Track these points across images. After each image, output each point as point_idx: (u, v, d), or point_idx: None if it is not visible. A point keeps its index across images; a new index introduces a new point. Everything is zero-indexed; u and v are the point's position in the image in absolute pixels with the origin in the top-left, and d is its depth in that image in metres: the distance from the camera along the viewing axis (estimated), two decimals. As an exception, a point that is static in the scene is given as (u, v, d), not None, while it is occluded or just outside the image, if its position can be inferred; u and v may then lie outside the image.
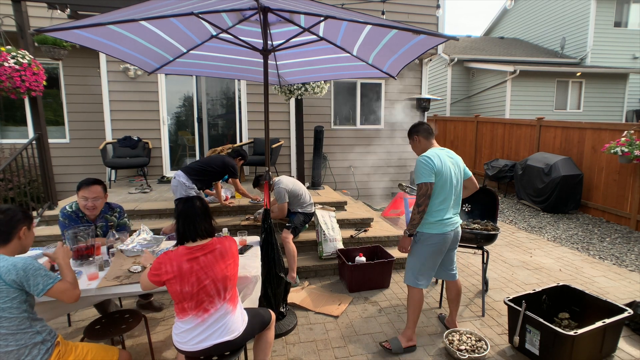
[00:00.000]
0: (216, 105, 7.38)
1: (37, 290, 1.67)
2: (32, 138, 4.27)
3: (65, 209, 2.69)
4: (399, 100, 7.76)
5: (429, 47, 2.33)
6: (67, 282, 1.79)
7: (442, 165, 2.51)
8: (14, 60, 3.54)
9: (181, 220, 1.89)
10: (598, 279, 3.99)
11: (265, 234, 2.81)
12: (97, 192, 2.65)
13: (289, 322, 3.03)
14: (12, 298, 1.61)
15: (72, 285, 1.80)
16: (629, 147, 5.28)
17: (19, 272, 1.62)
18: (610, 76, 11.93)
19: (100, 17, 2.12)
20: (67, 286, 1.77)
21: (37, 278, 1.67)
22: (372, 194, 7.82)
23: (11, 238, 1.74)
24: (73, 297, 1.79)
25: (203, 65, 3.51)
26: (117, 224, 2.91)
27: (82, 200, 2.63)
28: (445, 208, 2.55)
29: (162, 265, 1.80)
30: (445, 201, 2.54)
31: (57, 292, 1.73)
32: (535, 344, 2.52)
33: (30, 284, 1.65)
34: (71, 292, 1.78)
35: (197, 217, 1.91)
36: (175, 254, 1.83)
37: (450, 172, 2.54)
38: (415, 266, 2.64)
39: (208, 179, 4.05)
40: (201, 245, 1.87)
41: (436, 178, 2.48)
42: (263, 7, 2.34)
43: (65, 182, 6.39)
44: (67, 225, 2.61)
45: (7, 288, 1.60)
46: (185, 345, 1.83)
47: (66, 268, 1.89)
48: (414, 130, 2.76)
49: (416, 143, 2.74)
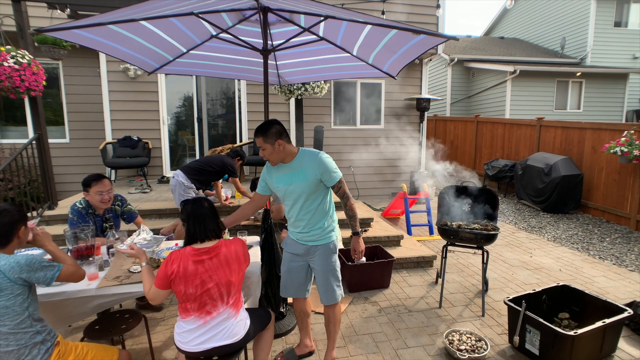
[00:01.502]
0: (216, 105, 7.38)
1: (47, 280, 1.71)
2: (32, 138, 4.27)
3: (76, 206, 2.74)
4: (399, 100, 7.76)
5: (429, 47, 2.33)
6: (69, 265, 1.83)
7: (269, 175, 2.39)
8: (13, 60, 3.53)
9: (191, 221, 1.89)
10: (598, 279, 3.99)
11: (265, 234, 2.81)
12: (108, 184, 2.78)
13: (289, 322, 3.03)
14: (15, 295, 1.61)
15: (75, 266, 1.86)
16: (628, 147, 5.28)
17: (23, 267, 1.63)
18: (610, 76, 11.93)
19: (100, 17, 2.12)
20: (71, 269, 1.82)
21: (43, 270, 1.69)
22: (372, 194, 7.82)
23: (11, 239, 1.74)
24: (80, 276, 1.87)
25: (203, 65, 3.51)
26: (122, 212, 3.01)
27: (97, 196, 2.71)
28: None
29: (168, 266, 1.80)
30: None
31: (65, 276, 1.78)
32: (535, 344, 2.52)
33: (39, 277, 1.68)
34: (77, 273, 1.85)
35: (207, 218, 1.92)
36: (181, 254, 1.83)
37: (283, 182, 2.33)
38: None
39: (207, 179, 4.06)
40: (208, 248, 1.86)
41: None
42: (263, 7, 2.34)
43: (65, 182, 6.39)
44: (76, 223, 2.66)
45: (12, 285, 1.60)
46: (187, 345, 1.83)
47: (58, 252, 1.92)
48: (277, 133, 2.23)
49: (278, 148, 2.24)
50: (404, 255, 4.22)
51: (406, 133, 7.81)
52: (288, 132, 2.33)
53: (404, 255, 4.22)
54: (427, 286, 3.78)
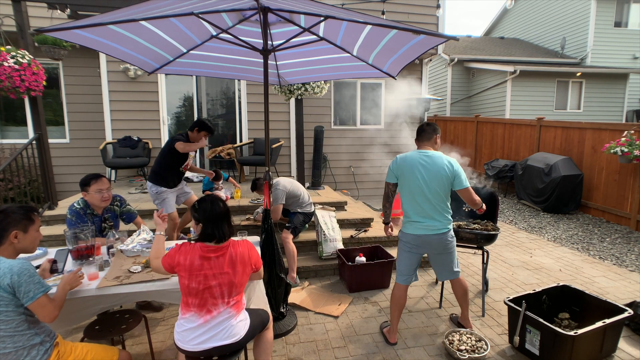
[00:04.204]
0: (216, 105, 7.38)
1: (27, 298, 1.61)
2: (32, 138, 4.27)
3: (74, 206, 2.74)
4: (399, 100, 7.76)
5: (429, 47, 2.33)
6: (52, 299, 1.72)
7: (405, 168, 2.57)
8: (13, 60, 3.53)
9: (209, 223, 1.89)
10: (598, 279, 3.99)
11: (265, 234, 2.81)
12: (107, 183, 2.80)
13: (289, 322, 3.03)
14: (7, 302, 1.58)
15: (54, 305, 1.71)
16: (629, 147, 5.28)
17: (14, 276, 1.58)
18: (611, 76, 11.93)
19: (100, 17, 2.12)
20: (50, 303, 1.69)
21: (30, 285, 1.61)
22: (372, 194, 7.82)
23: (2, 242, 1.69)
24: (49, 316, 1.69)
25: (203, 65, 3.51)
26: (121, 212, 3.01)
27: (97, 194, 2.72)
28: (414, 209, 2.59)
29: (177, 254, 1.85)
30: (412, 202, 2.59)
31: (40, 304, 1.65)
32: (535, 344, 2.52)
33: (22, 291, 1.60)
34: (50, 309, 1.69)
35: (223, 220, 1.93)
36: (191, 247, 1.86)
37: (415, 176, 2.53)
38: (396, 262, 2.84)
39: (165, 170, 3.63)
40: (216, 247, 1.88)
41: (400, 179, 2.64)
42: (263, 7, 2.33)
43: (65, 182, 6.39)
44: (74, 223, 2.65)
45: (2, 291, 1.57)
46: (186, 344, 1.84)
47: (61, 291, 1.84)
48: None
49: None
50: (404, 255, 4.22)
51: (406, 133, 7.82)
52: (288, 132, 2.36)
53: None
54: (427, 286, 3.78)
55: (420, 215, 2.59)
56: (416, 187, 2.55)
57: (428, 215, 2.58)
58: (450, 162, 2.56)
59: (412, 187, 2.56)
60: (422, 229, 2.60)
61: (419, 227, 2.60)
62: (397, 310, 2.77)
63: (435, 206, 2.57)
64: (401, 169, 2.60)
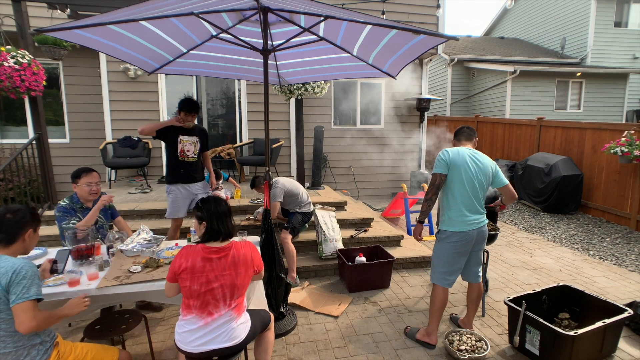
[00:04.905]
0: (216, 105, 7.38)
1: (13, 297, 1.55)
2: (32, 138, 4.27)
3: (60, 205, 2.75)
4: (399, 100, 7.76)
5: (429, 47, 2.33)
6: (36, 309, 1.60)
7: (459, 161, 2.57)
8: (13, 60, 3.54)
9: (215, 220, 1.89)
10: (598, 279, 3.99)
11: (265, 234, 2.81)
12: (97, 177, 2.84)
13: (289, 322, 3.03)
14: (7, 302, 1.58)
15: (34, 316, 1.58)
16: (629, 147, 5.28)
17: (11, 275, 1.56)
18: (611, 76, 11.93)
19: (100, 17, 2.12)
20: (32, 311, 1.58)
21: (20, 286, 1.56)
22: (372, 194, 7.81)
23: (16, 239, 1.72)
24: (24, 325, 1.56)
25: (203, 65, 3.51)
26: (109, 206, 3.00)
27: (86, 187, 2.75)
28: (465, 203, 2.59)
29: (177, 259, 1.83)
30: (464, 196, 2.58)
31: (21, 308, 1.56)
32: (535, 344, 2.52)
33: (10, 290, 1.55)
34: (29, 317, 1.56)
35: (226, 217, 1.94)
36: (192, 249, 1.86)
37: (468, 170, 2.57)
38: (437, 264, 2.72)
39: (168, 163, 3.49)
40: (218, 248, 1.88)
41: (450, 172, 2.58)
42: (263, 7, 2.33)
43: (65, 182, 6.34)
44: (62, 217, 2.67)
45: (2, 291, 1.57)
46: (187, 346, 1.84)
47: (65, 311, 1.79)
48: (454, 137, 2.92)
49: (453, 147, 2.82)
50: (404, 255, 4.22)
51: (406, 133, 7.82)
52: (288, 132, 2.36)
53: (404, 255, 4.23)
54: (427, 286, 3.78)
55: (471, 210, 2.60)
56: (469, 180, 2.57)
57: (477, 209, 2.62)
58: (492, 162, 2.73)
59: (465, 179, 2.57)
60: (471, 224, 2.60)
61: (468, 223, 2.59)
62: (440, 313, 2.75)
63: (481, 200, 2.65)
64: (455, 161, 2.58)
